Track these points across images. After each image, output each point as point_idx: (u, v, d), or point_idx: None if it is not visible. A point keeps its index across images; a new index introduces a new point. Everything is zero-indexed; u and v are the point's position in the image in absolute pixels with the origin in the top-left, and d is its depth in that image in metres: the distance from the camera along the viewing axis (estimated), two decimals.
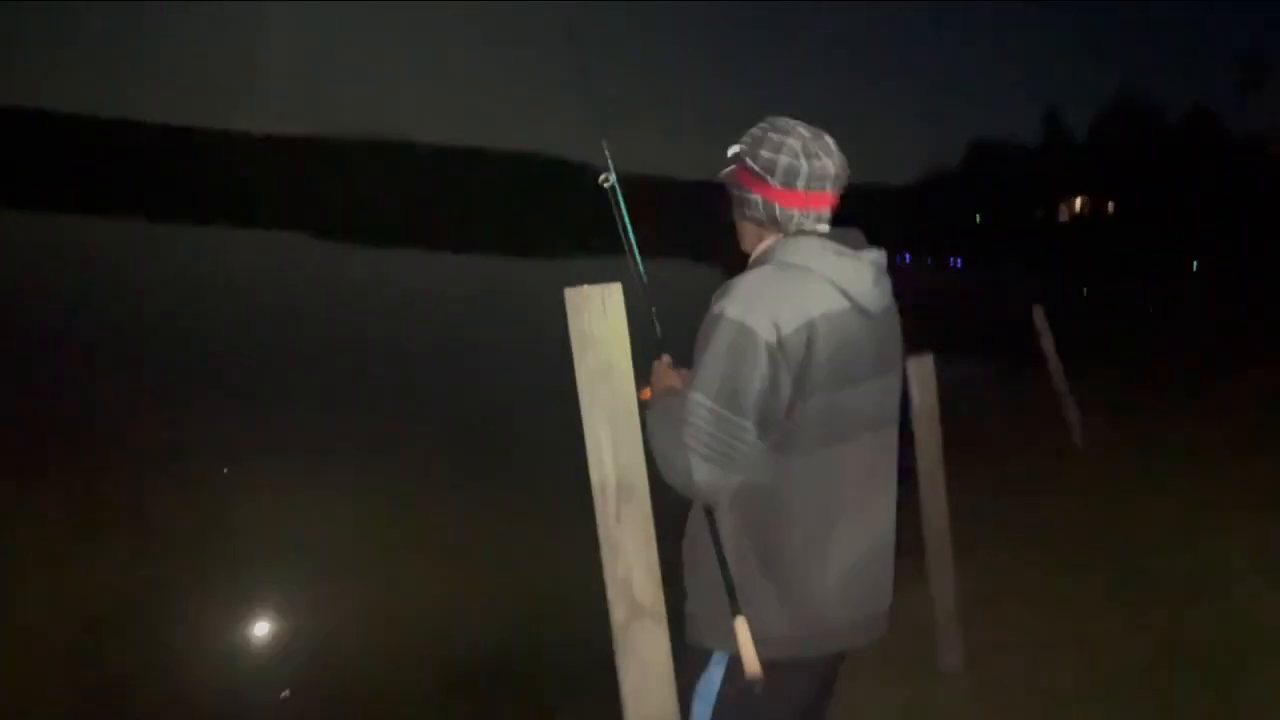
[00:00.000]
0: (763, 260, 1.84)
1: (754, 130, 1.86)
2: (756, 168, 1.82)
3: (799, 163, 1.79)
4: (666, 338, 2.09)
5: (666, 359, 2.06)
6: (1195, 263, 38.84)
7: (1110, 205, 65.62)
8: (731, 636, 1.74)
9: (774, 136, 1.81)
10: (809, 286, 1.73)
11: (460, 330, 17.67)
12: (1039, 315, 7.72)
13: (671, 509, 1.86)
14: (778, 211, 1.83)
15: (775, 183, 1.81)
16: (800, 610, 1.78)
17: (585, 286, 1.69)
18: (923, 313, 5.15)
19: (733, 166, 1.89)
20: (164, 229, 42.94)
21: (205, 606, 5.12)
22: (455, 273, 36.26)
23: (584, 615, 2.41)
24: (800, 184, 1.80)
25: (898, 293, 1.95)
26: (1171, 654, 3.84)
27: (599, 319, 1.69)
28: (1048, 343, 7.65)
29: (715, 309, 1.73)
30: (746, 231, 1.94)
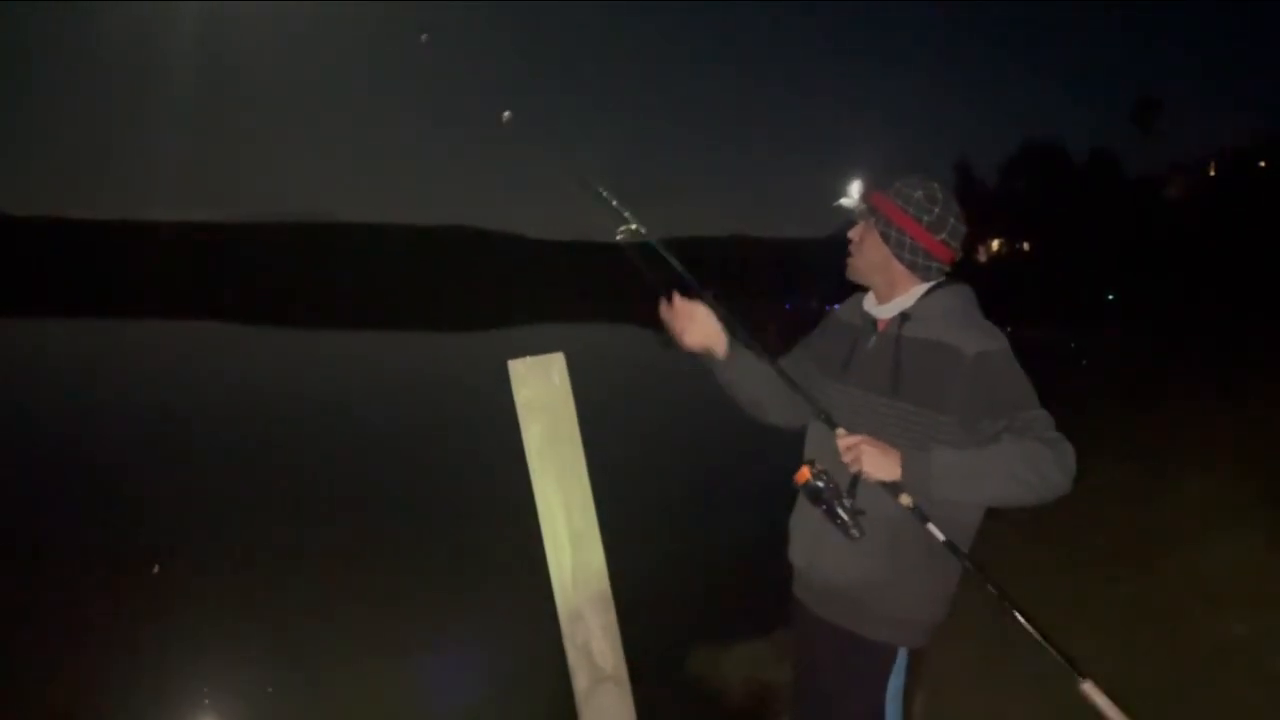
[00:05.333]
0: (944, 296, 2.07)
1: (920, 184, 2.09)
2: (927, 218, 2.05)
3: (959, 224, 2.09)
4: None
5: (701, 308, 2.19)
6: (1111, 295, 40.34)
7: (1025, 245, 68.01)
8: (920, 632, 2.09)
9: (938, 194, 2.08)
10: None
11: (392, 406, 17.30)
12: None
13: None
14: (925, 255, 2.07)
15: (940, 236, 2.06)
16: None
17: (529, 358, 1.73)
18: None
19: (900, 205, 2.08)
20: (76, 324, 41.33)
21: None
22: (386, 348, 35.79)
23: None
24: (948, 238, 2.08)
25: None
26: (1122, 681, 3.91)
27: (545, 389, 1.73)
28: None
29: (993, 345, 1.96)
30: (888, 264, 2.11)
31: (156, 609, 6.33)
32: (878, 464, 1.92)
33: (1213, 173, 61.88)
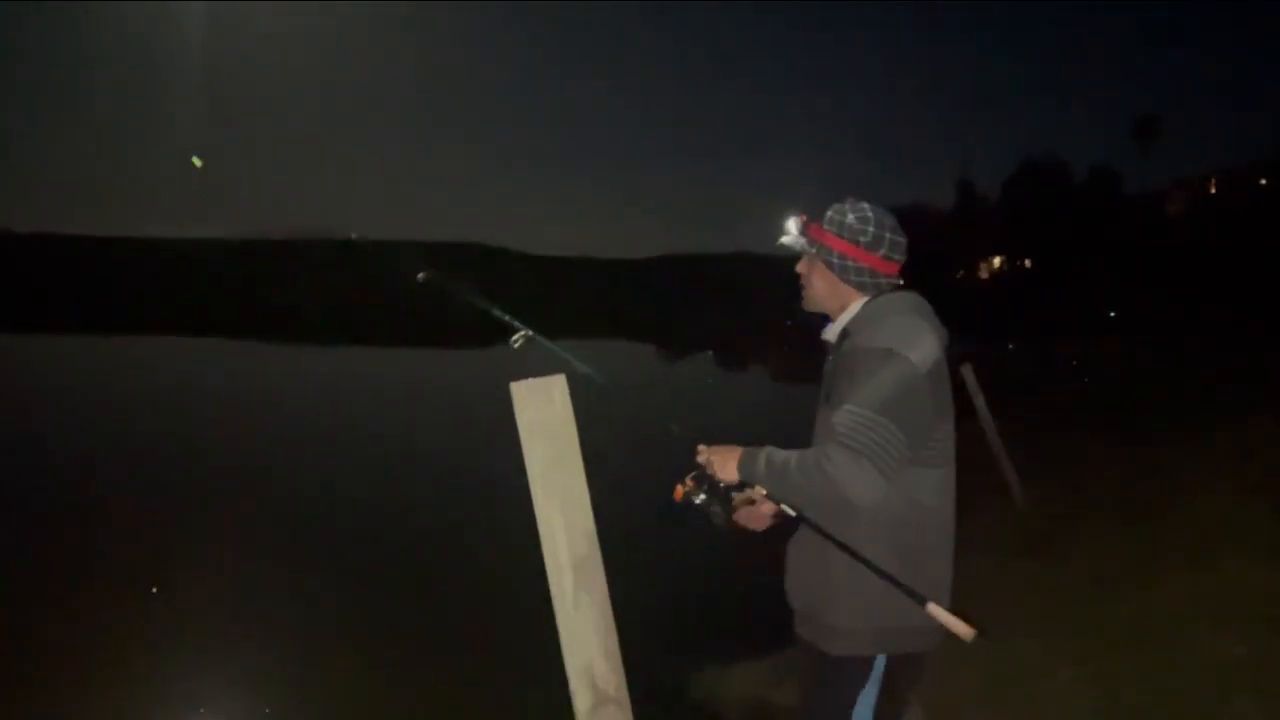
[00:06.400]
0: (874, 305, 2.18)
1: (850, 208, 2.22)
2: (864, 239, 2.18)
3: (896, 237, 2.21)
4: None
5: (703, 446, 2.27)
6: (1112, 313, 40.37)
7: (1027, 262, 68.15)
8: (895, 637, 2.06)
9: (869, 214, 2.20)
10: (931, 334, 2.10)
11: (397, 422, 17.32)
12: (969, 374, 7.50)
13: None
14: (870, 274, 2.19)
15: (880, 253, 2.18)
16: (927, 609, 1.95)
17: (530, 380, 1.73)
18: None
19: (834, 233, 2.21)
20: (79, 341, 41.23)
21: None
22: (393, 364, 35.81)
23: None
24: (889, 252, 2.20)
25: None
26: (1122, 700, 3.90)
27: (547, 410, 1.73)
28: (980, 402, 7.49)
29: (875, 343, 2.02)
30: (838, 289, 2.24)
31: (154, 629, 6.32)
32: (721, 467, 2.13)
33: (1213, 190, 61.99)
